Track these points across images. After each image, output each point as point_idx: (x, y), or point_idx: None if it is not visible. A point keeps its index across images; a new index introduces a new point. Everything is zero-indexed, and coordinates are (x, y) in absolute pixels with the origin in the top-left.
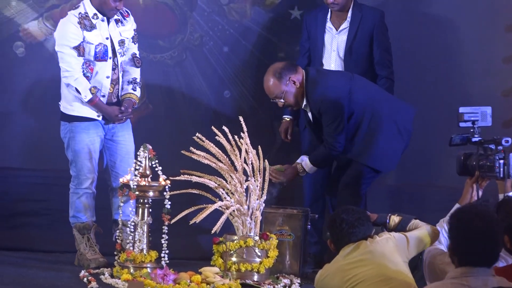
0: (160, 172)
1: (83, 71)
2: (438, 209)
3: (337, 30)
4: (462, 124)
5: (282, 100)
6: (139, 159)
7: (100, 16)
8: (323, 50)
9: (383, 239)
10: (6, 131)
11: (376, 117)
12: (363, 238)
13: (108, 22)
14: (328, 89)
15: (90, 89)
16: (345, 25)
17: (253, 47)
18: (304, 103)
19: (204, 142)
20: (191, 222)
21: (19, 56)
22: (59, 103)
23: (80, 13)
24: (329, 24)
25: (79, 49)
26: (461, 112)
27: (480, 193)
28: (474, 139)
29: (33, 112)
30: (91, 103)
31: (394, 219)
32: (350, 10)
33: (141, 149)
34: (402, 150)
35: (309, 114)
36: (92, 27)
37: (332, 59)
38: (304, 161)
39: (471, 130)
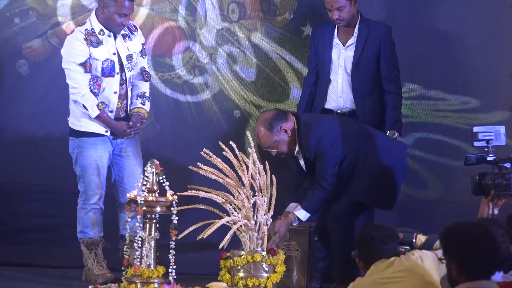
0: (167, 188)
1: (90, 87)
2: (445, 225)
3: (344, 46)
4: (476, 144)
5: (274, 150)
6: (146, 174)
7: (106, 32)
8: (330, 66)
9: (418, 257)
10: (14, 146)
11: (371, 157)
12: (394, 255)
13: (115, 37)
14: (323, 132)
15: (97, 105)
16: (352, 40)
17: (263, 65)
18: (297, 149)
19: (211, 157)
20: (199, 237)
21: (23, 74)
22: (68, 118)
23: (86, 29)
24: (336, 40)
25: (86, 66)
26: (475, 131)
27: (496, 212)
28: (489, 158)
29: (41, 128)
30: (99, 119)
31: (421, 238)
32: (357, 25)
33: (149, 164)
34: (400, 186)
35: (301, 161)
36: (99, 43)
37: (340, 74)
38: (297, 211)
39: (486, 149)
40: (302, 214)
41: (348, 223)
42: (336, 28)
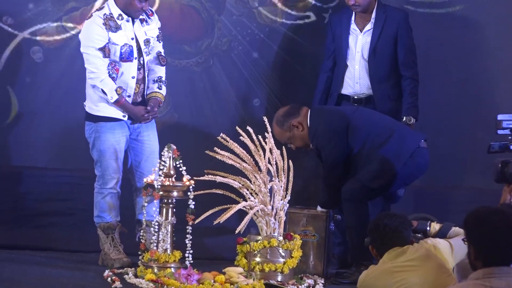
0: (184, 172)
1: (109, 72)
2: (463, 211)
3: (361, 32)
4: (500, 132)
5: (292, 145)
6: (163, 159)
7: (125, 16)
8: (347, 52)
9: (431, 245)
10: (30, 131)
11: (383, 147)
12: (407, 243)
13: (133, 22)
14: (321, 124)
15: (116, 90)
16: (369, 26)
17: (284, 52)
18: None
19: (228, 142)
20: (215, 222)
21: (37, 61)
22: (84, 103)
23: (105, 14)
24: (353, 26)
25: (105, 50)
26: (499, 119)
27: None
28: None
29: (57, 112)
30: (117, 103)
31: (435, 226)
32: (374, 11)
33: (165, 149)
34: (404, 176)
35: None
36: (117, 28)
37: (356, 60)
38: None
39: (510, 137)
40: (319, 209)
41: (361, 204)
42: (354, 14)
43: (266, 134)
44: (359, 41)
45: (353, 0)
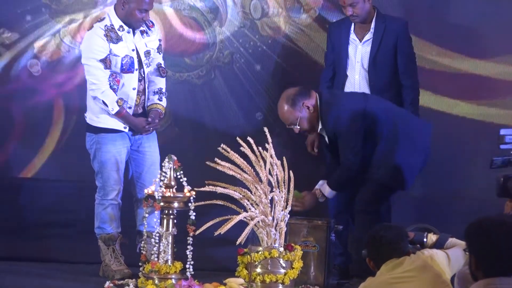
0: (185, 183)
1: (110, 83)
2: (464, 221)
3: (360, 42)
4: (503, 146)
5: (297, 127)
6: (164, 170)
7: (126, 28)
8: (347, 62)
9: (428, 256)
10: (32, 142)
11: (393, 135)
12: (404, 254)
13: (134, 33)
14: (342, 110)
15: (117, 102)
16: (369, 36)
17: (287, 64)
18: (320, 127)
19: (228, 153)
20: (216, 233)
21: (34, 74)
22: (85, 114)
23: (106, 25)
24: (353, 36)
25: (106, 62)
26: (502, 134)
27: None
28: None
29: (58, 123)
30: (118, 115)
31: (432, 237)
32: (373, 21)
33: (166, 160)
34: (420, 167)
35: (326, 138)
36: (118, 39)
37: (357, 70)
38: (322, 186)
39: None
40: (326, 190)
41: (373, 211)
42: (353, 24)
43: (266, 145)
44: (358, 51)
45: (351, 11)
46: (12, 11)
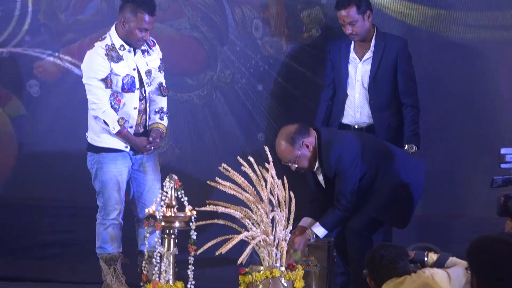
0: (186, 203)
1: (111, 102)
2: (464, 240)
3: (360, 60)
4: (503, 166)
5: (295, 165)
6: (165, 189)
7: (127, 47)
8: (347, 81)
9: (429, 275)
10: (33, 161)
11: (389, 174)
12: (404, 273)
13: (135, 53)
14: (344, 149)
15: (118, 121)
16: (369, 54)
17: (289, 84)
18: (317, 165)
19: (229, 172)
20: (217, 252)
21: (34, 96)
22: (86, 134)
23: (107, 44)
24: (352, 54)
25: (107, 81)
26: (502, 153)
27: None
28: None
29: (59, 143)
30: (119, 134)
31: (432, 256)
32: (373, 39)
33: (167, 179)
34: (416, 205)
35: (319, 176)
36: (119, 58)
37: (357, 89)
38: (316, 228)
39: None
40: (320, 231)
41: (366, 238)
42: (353, 43)
43: (267, 164)
44: (358, 70)
45: (351, 29)
46: (11, 31)
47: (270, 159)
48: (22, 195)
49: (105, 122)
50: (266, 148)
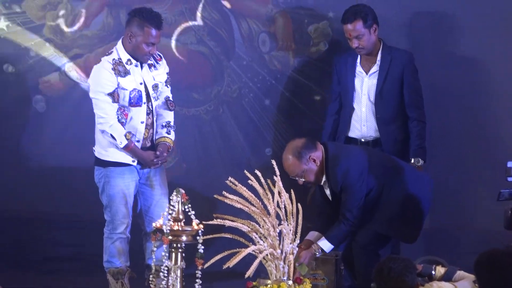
0: (193, 217)
1: (118, 117)
2: (472, 253)
3: (367, 74)
4: (510, 179)
5: (302, 179)
6: (172, 203)
7: (133, 61)
8: (353, 95)
9: None
10: (39, 176)
11: (396, 189)
12: (412, 286)
13: (141, 67)
14: (350, 165)
15: (125, 135)
16: (375, 68)
17: (297, 99)
18: (324, 179)
19: (236, 186)
20: (225, 266)
21: (39, 111)
22: (93, 148)
23: (114, 59)
24: (359, 68)
25: (114, 96)
26: (509, 166)
27: None
28: None
29: (65, 157)
30: (127, 149)
31: (440, 270)
32: (379, 53)
33: (174, 193)
34: (424, 219)
35: (327, 190)
36: (126, 72)
37: (363, 103)
38: (322, 242)
39: None
40: (326, 246)
41: (372, 252)
42: (359, 56)
43: (274, 177)
44: (365, 84)
45: (357, 43)
46: (16, 45)
47: (277, 172)
48: (29, 209)
49: (112, 136)
50: (273, 162)
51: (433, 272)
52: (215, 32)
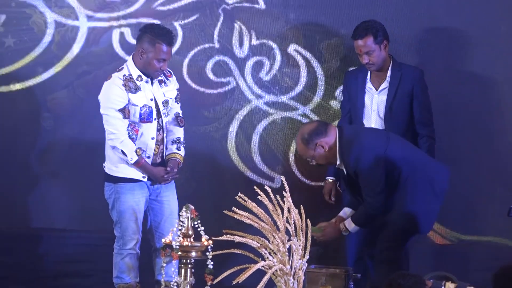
0: (202, 232)
1: (128, 133)
2: (483, 268)
3: (377, 90)
4: None
5: (313, 162)
6: (181, 219)
7: (144, 77)
8: (363, 111)
9: None
10: (49, 192)
11: (412, 177)
12: None
13: (152, 83)
14: (363, 150)
15: (135, 151)
16: (385, 84)
17: (308, 116)
18: (338, 162)
19: (246, 202)
20: (234, 282)
21: (47, 128)
22: (104, 164)
23: (124, 75)
24: (369, 85)
25: (124, 112)
26: None
27: None
28: None
29: (75, 173)
30: (137, 165)
31: (449, 286)
32: (390, 69)
33: (184, 209)
34: (438, 210)
35: (344, 171)
36: (137, 89)
37: (373, 119)
38: (347, 221)
39: None
40: (351, 226)
41: (394, 260)
42: (369, 73)
43: (284, 193)
44: (374, 100)
45: (367, 59)
46: (24, 63)
47: (287, 188)
48: (38, 225)
49: (123, 152)
50: (283, 178)
51: None
52: (226, 49)
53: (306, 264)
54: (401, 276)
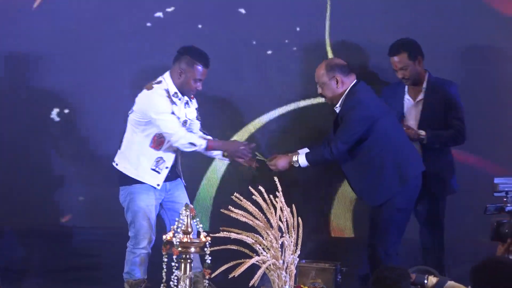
0: (201, 229)
1: (157, 141)
2: (465, 261)
3: (414, 101)
4: (496, 194)
5: (320, 90)
6: (181, 217)
7: (179, 95)
8: (401, 120)
9: None
10: (63, 191)
11: (385, 153)
12: None
13: (185, 103)
14: (359, 105)
15: (201, 138)
16: (421, 96)
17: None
18: (338, 105)
19: (241, 201)
20: (231, 275)
21: (57, 125)
22: (115, 163)
23: (165, 89)
24: (407, 96)
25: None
26: (496, 182)
27: (511, 257)
28: (507, 208)
29: (84, 170)
30: (209, 148)
31: (432, 279)
32: (425, 82)
33: (184, 208)
34: (397, 192)
35: (339, 117)
36: (174, 103)
37: None
38: (300, 156)
39: (504, 199)
40: (302, 159)
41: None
42: (406, 86)
43: (277, 193)
44: (412, 110)
45: (402, 74)
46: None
47: (279, 188)
48: (48, 221)
49: (192, 144)
50: (276, 179)
51: (425, 281)
52: (241, 72)
53: (297, 259)
54: (387, 269)
